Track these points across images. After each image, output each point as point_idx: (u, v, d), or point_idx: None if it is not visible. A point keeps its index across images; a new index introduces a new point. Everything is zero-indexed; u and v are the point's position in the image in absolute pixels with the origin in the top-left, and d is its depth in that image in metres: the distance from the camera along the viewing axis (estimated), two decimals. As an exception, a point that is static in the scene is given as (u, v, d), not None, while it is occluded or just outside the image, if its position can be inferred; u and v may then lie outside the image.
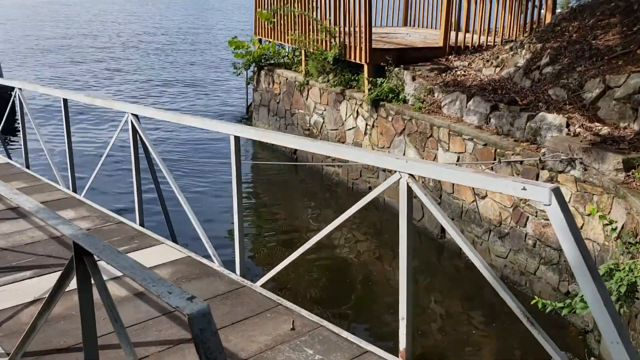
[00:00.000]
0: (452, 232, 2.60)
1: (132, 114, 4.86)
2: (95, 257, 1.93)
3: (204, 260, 4.27)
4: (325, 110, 10.18)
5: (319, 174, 10.14)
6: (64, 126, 6.03)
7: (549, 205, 2.16)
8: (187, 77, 22.03)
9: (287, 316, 3.48)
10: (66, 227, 1.95)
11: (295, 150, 11.14)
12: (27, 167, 7.21)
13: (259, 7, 12.18)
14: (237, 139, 3.79)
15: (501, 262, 6.42)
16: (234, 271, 4.08)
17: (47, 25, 43.20)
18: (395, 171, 2.77)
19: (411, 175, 2.70)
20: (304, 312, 3.50)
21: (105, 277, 4.04)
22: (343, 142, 9.74)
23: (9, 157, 8.15)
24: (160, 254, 4.46)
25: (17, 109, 6.91)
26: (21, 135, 7.38)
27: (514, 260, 6.24)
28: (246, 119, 14.32)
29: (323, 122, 10.26)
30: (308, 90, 10.64)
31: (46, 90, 6.36)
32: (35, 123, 6.84)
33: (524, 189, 2.21)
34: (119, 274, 4.09)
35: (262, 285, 3.83)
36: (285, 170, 10.20)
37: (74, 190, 6.10)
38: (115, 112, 13.74)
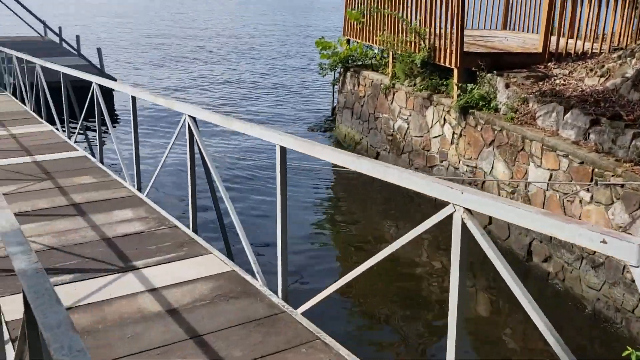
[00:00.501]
0: (511, 283, 2.08)
1: (189, 115, 4.61)
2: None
3: (248, 277, 3.93)
4: (410, 115, 9.63)
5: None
6: (132, 123, 5.93)
7: (637, 267, 1.60)
8: (276, 77, 22.06)
9: (323, 354, 3.05)
10: (20, 259, 1.63)
11: (378, 155, 10.65)
12: (102, 161, 7.23)
13: (348, 7, 11.78)
14: (283, 149, 3.41)
15: (593, 295, 5.66)
16: (277, 292, 3.71)
17: (152, 23, 45.19)
18: (449, 203, 2.27)
19: (467, 210, 2.19)
20: (344, 352, 3.05)
21: (139, 289, 3.83)
22: (428, 151, 9.17)
23: (91, 149, 8.25)
24: (205, 265, 4.17)
25: (95, 103, 6.92)
26: (97, 130, 7.42)
27: (609, 294, 5.47)
28: (331, 120, 13.98)
29: (407, 128, 9.71)
30: (393, 94, 10.12)
31: (117, 86, 6.29)
32: (108, 118, 6.82)
33: (604, 241, 1.66)
34: (155, 285, 3.84)
35: (304, 313, 3.43)
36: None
37: (139, 189, 5.98)
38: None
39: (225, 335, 3.25)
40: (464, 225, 2.18)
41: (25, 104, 11.19)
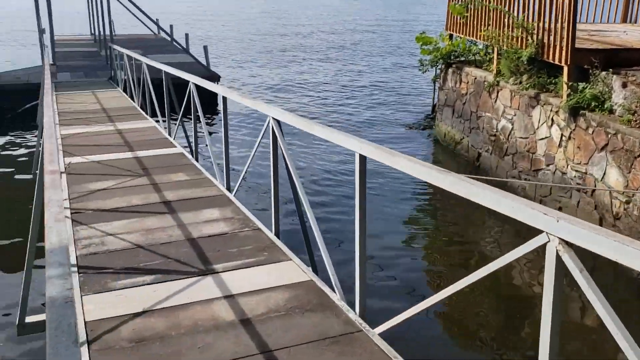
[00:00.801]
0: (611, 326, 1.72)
1: (273, 118, 4.48)
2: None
3: (326, 289, 3.73)
4: (515, 115, 9.06)
5: (502, 184, 9.10)
6: (223, 123, 5.91)
7: None
8: (375, 73, 21.73)
9: (399, 382, 2.79)
10: (54, 284, 1.51)
11: (479, 156, 10.13)
12: (196, 159, 7.32)
13: (452, 1, 11.28)
14: (362, 158, 3.17)
15: None
16: (354, 307, 3.48)
17: (258, 20, 46.18)
18: (542, 231, 1.94)
19: (564, 241, 1.85)
20: (421, 381, 2.78)
21: (215, 295, 3.75)
22: (533, 153, 8.58)
23: (189, 146, 8.40)
24: (284, 272, 4.02)
25: (192, 100, 7.01)
26: (193, 127, 7.52)
27: None
28: (430, 118, 13.52)
29: (512, 129, 9.14)
30: (498, 92, 9.57)
31: (211, 86, 6.31)
32: (203, 117, 6.87)
33: None
34: (231, 291, 3.74)
35: (382, 334, 3.18)
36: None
37: (228, 188, 5.96)
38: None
39: (297, 352, 3.08)
40: (558, 258, 1.85)
41: (133, 100, 11.68)
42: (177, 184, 6.20)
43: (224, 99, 5.78)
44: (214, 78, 16.06)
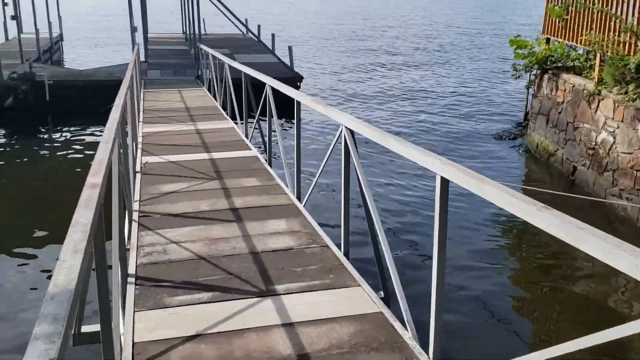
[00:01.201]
0: None
1: (346, 127, 4.08)
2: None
3: (397, 325, 3.28)
4: (618, 127, 8.20)
5: (600, 204, 8.24)
6: (295, 128, 5.58)
7: None
8: (464, 76, 20.84)
9: None
10: (43, 326, 1.18)
11: (574, 170, 9.30)
12: (270, 163, 7.04)
13: (550, 2, 10.44)
14: (444, 182, 2.70)
15: None
16: (428, 350, 3.02)
17: (345, 20, 45.89)
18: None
19: None
20: None
21: (273, 322, 3.39)
22: (637, 171, 7.71)
23: (265, 148, 8.14)
24: (351, 300, 3.61)
25: (267, 103, 6.74)
26: (267, 131, 7.24)
27: None
28: (523, 126, 12.67)
29: (613, 143, 8.29)
30: (599, 102, 8.71)
31: (285, 89, 5.98)
32: (277, 120, 6.57)
33: None
34: (291, 319, 3.37)
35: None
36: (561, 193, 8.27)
37: (298, 197, 5.62)
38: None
39: (358, 400, 2.67)
40: None
41: (216, 99, 11.64)
42: (247, 189, 5.93)
43: (298, 103, 5.44)
44: (297, 78, 15.89)
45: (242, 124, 8.85)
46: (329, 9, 58.95)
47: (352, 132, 4.04)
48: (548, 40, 10.80)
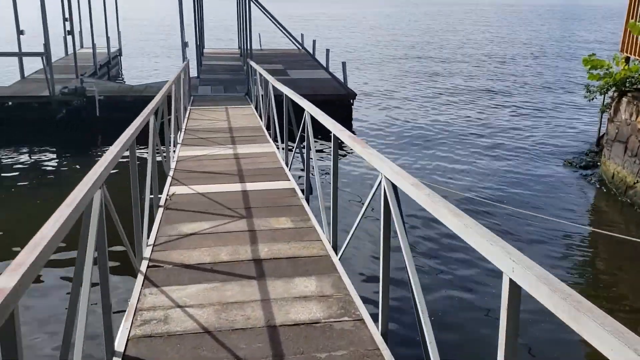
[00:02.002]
0: None
1: (386, 177, 3.21)
2: None
3: None
4: None
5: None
6: (332, 165, 4.72)
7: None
8: (528, 95, 19.47)
9: None
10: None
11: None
12: (307, 198, 6.20)
13: (631, 18, 9.22)
14: (515, 286, 1.80)
15: None
16: None
17: (402, 35, 44.76)
18: None
19: None
20: None
21: None
22: None
23: (307, 173, 7.28)
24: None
25: (306, 132, 5.92)
26: (306, 162, 6.42)
27: None
28: (594, 153, 11.39)
29: None
30: (690, 132, 7.49)
31: (322, 119, 5.14)
32: (315, 154, 5.74)
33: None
34: None
35: None
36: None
37: (334, 247, 4.75)
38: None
39: None
40: None
41: (261, 119, 10.95)
42: (277, 233, 5.12)
43: (335, 139, 4.60)
44: (350, 96, 15.06)
45: (283, 149, 8.08)
46: (388, 23, 57.93)
47: (394, 187, 3.16)
48: (628, 59, 9.57)
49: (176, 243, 4.90)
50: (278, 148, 8.45)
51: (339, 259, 4.49)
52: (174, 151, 8.38)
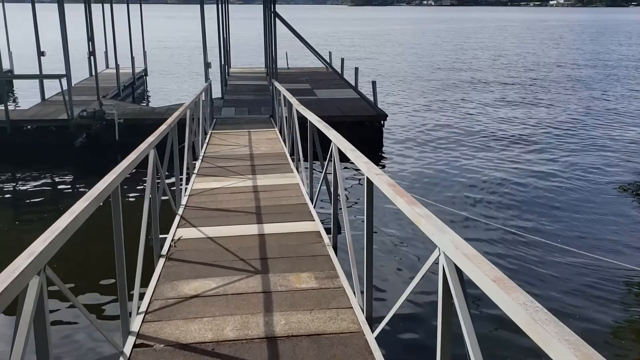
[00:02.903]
0: None
1: (446, 255, 2.21)
2: None
3: None
4: None
5: None
6: (365, 218, 3.70)
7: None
8: (571, 114, 18.19)
9: None
10: None
11: None
12: (334, 245, 5.19)
13: None
14: None
15: None
16: None
17: (434, 52, 43.65)
18: None
19: None
20: None
21: None
22: None
23: (334, 212, 6.31)
24: None
25: (334, 167, 4.94)
26: (331, 201, 5.42)
27: None
28: (655, 180, 10.15)
29: None
30: None
31: (351, 155, 4.15)
32: (342, 188, 4.75)
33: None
34: None
35: None
36: None
37: (368, 318, 3.72)
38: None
39: None
40: None
41: (285, 144, 10.02)
42: (296, 296, 4.11)
43: (369, 183, 3.59)
44: (380, 117, 14.05)
45: (308, 183, 7.10)
46: (418, 41, 56.86)
47: (457, 269, 2.15)
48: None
49: (173, 310, 3.94)
50: (302, 180, 7.47)
51: (375, 337, 3.47)
52: (187, 184, 7.47)
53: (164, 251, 5.05)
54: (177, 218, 6.04)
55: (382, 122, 14.12)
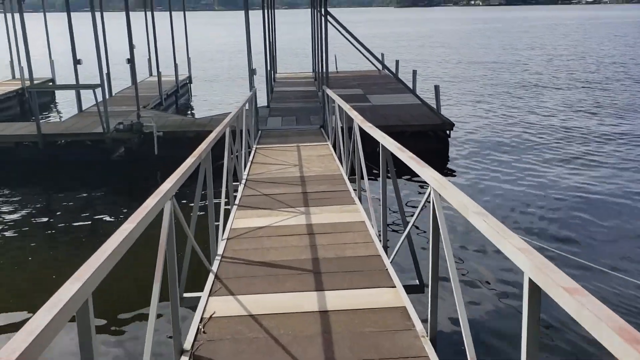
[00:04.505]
0: None
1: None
2: None
3: None
4: None
5: None
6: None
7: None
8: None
9: None
10: None
11: None
12: (433, 342, 3.50)
13: None
14: None
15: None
16: None
17: (493, 51, 41.17)
18: None
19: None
20: None
21: None
22: None
23: (422, 284, 4.63)
24: None
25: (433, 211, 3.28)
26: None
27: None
28: None
29: None
30: None
31: (420, 169, 2.49)
32: (446, 239, 3.08)
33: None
34: None
35: None
36: None
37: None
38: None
39: None
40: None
41: (341, 162, 8.39)
42: None
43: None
44: (446, 126, 12.26)
45: (375, 220, 5.42)
46: (470, 41, 54.28)
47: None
48: None
49: None
50: (370, 216, 5.77)
51: None
52: (226, 220, 5.92)
53: (188, 344, 3.47)
54: (211, 278, 4.47)
55: (448, 131, 12.34)
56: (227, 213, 6.18)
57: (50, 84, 20.62)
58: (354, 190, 6.95)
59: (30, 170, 11.93)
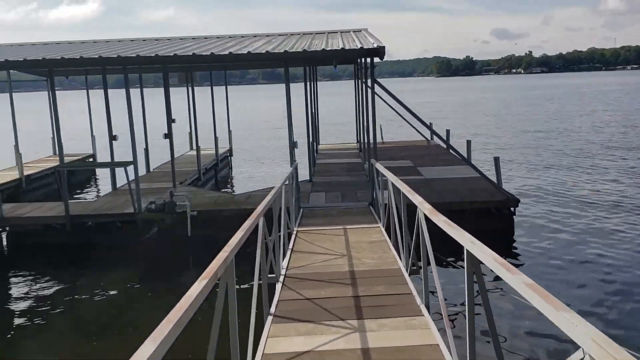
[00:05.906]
0: None
1: None
2: None
3: None
4: None
5: None
6: None
7: None
8: None
9: None
10: None
11: None
12: None
13: None
14: None
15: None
16: None
17: (543, 118, 39.54)
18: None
19: None
20: None
21: None
22: None
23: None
24: None
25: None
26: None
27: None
28: None
29: None
30: None
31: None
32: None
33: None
34: None
35: None
36: None
37: None
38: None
39: None
40: None
41: (398, 252, 6.96)
42: None
43: None
44: (511, 202, 10.73)
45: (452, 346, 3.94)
46: (518, 109, 52.70)
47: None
48: None
49: None
50: (448, 340, 4.29)
51: None
52: (255, 347, 4.51)
53: None
54: None
55: (512, 208, 10.79)
56: (259, 326, 4.82)
57: (91, 159, 20.16)
58: (418, 293, 5.49)
59: (58, 254, 10.96)
